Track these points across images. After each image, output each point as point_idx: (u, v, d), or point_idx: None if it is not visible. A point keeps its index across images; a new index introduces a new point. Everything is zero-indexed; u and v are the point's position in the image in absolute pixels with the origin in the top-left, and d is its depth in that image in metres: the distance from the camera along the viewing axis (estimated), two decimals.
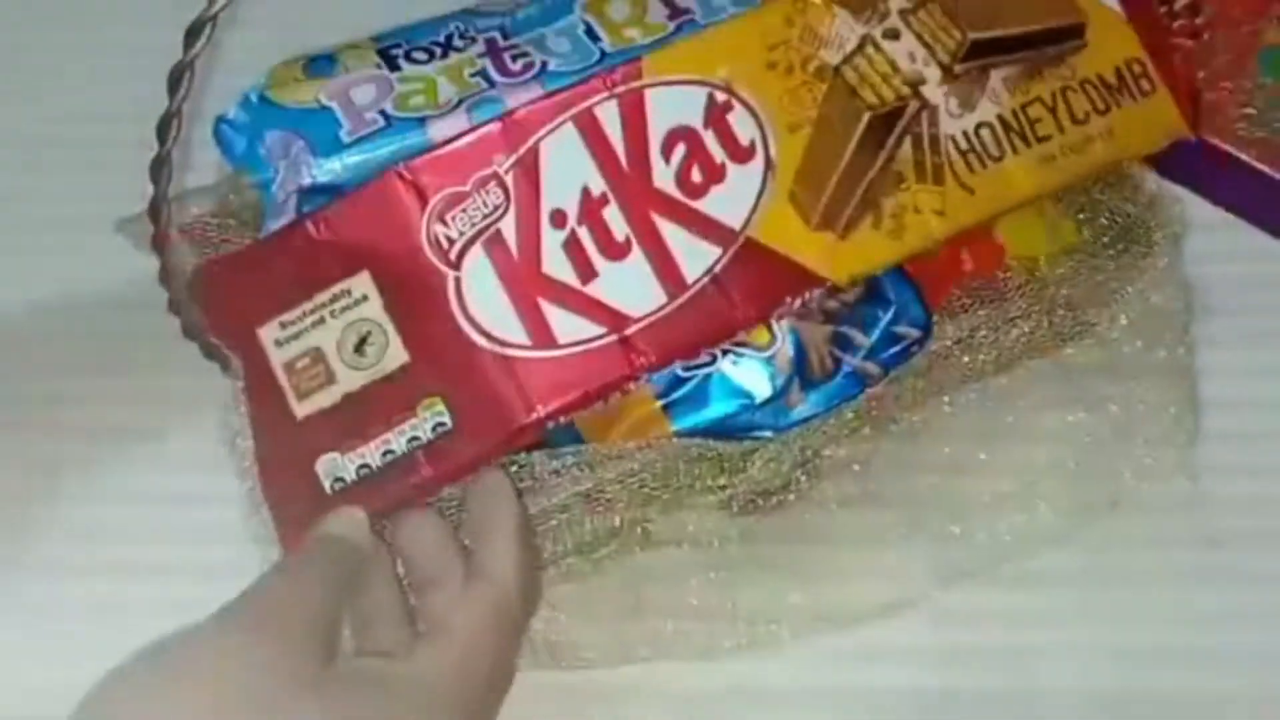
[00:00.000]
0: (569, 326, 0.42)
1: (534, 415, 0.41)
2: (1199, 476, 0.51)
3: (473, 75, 0.43)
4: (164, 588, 0.49)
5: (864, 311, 0.45)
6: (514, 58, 0.44)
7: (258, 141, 0.42)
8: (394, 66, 0.43)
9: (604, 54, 0.45)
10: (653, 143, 0.43)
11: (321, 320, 0.42)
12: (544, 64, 0.44)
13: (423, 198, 0.42)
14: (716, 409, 0.45)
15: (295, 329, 0.42)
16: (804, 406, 0.44)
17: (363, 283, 0.42)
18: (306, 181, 0.42)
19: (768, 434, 0.44)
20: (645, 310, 0.42)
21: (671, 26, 0.45)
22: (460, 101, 0.43)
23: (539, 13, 0.45)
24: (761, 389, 0.45)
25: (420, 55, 0.44)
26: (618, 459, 0.43)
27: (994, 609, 0.49)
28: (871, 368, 0.45)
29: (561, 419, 0.42)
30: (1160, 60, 0.46)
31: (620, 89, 0.43)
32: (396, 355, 0.41)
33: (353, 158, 0.42)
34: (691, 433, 0.44)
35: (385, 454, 0.40)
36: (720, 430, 0.44)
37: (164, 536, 0.51)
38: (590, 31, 0.45)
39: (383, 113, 0.42)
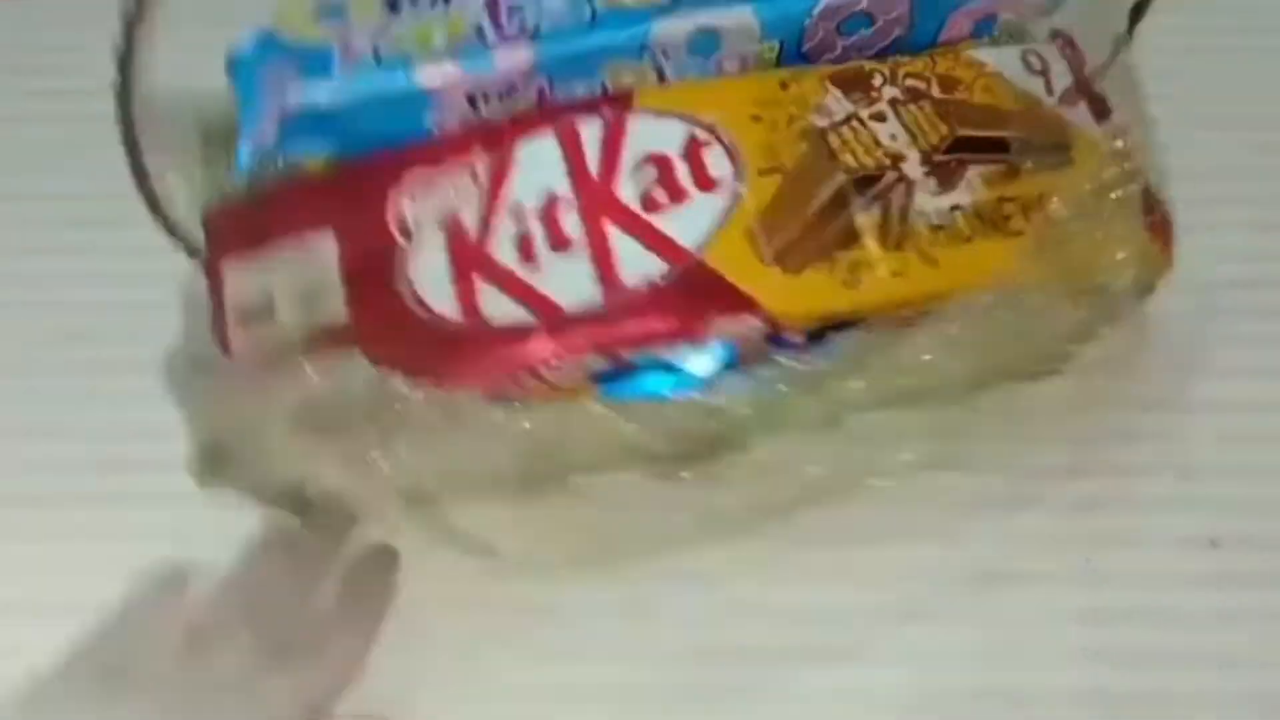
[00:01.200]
0: (499, 308, 0.42)
1: (447, 380, 0.41)
2: (1199, 477, 0.51)
3: (469, 27, 0.45)
4: None
5: None
6: (510, 12, 0.45)
7: (258, 71, 0.44)
8: (395, 9, 0.45)
9: (594, 12, 0.45)
10: (625, 161, 0.44)
11: (279, 266, 0.43)
12: (536, 26, 0.45)
13: (398, 175, 0.44)
14: (646, 385, 0.44)
15: (254, 269, 0.44)
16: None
17: (326, 240, 0.44)
18: (292, 104, 0.43)
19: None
20: (575, 303, 0.42)
21: None
22: (450, 49, 0.44)
23: None
24: (696, 369, 0.44)
25: (423, 2, 0.45)
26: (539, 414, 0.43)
27: (993, 609, 0.48)
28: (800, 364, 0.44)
29: (471, 386, 0.42)
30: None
31: (607, 111, 0.45)
32: (338, 312, 0.43)
33: (340, 90, 0.44)
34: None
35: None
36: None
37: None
38: None
39: (375, 51, 0.44)
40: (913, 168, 0.45)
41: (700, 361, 0.45)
